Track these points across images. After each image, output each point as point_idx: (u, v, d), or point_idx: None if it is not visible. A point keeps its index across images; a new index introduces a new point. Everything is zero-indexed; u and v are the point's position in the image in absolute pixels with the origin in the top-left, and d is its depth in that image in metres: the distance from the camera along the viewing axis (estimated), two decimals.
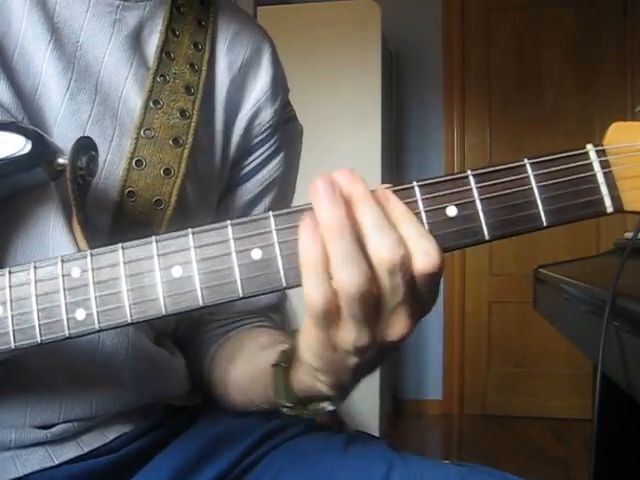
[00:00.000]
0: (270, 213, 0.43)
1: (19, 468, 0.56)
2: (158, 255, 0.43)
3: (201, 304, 0.42)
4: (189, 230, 0.43)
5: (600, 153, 0.44)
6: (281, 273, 0.42)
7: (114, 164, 0.59)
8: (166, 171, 0.61)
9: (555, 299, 1.20)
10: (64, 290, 0.43)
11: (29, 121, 0.55)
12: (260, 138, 0.71)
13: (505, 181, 0.43)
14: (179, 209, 0.61)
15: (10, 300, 0.43)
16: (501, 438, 2.99)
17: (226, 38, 0.69)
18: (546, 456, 2.74)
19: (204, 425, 0.67)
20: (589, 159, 0.44)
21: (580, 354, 1.06)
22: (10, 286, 0.43)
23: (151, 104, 0.61)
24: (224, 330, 0.72)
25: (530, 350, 3.26)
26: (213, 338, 0.72)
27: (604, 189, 0.43)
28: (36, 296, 0.43)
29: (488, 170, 0.43)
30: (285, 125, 0.74)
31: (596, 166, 0.44)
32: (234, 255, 0.42)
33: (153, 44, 0.64)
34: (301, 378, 0.51)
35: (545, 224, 0.43)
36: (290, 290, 0.44)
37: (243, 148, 0.70)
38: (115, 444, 0.61)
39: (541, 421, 3.13)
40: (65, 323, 0.43)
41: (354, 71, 2.76)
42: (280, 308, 0.77)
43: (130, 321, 0.43)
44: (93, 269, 0.43)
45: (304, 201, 0.78)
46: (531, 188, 0.43)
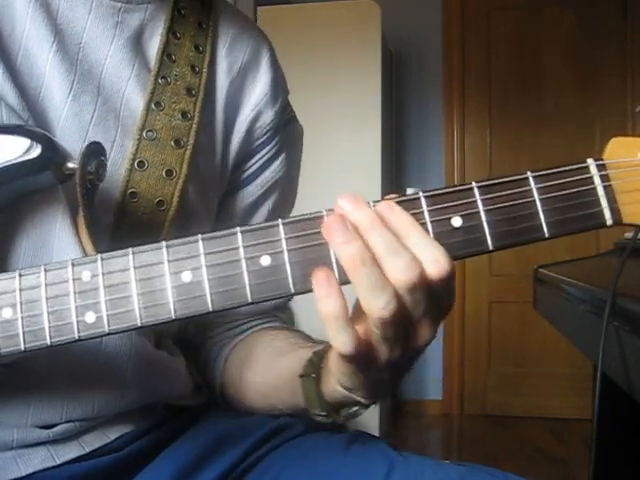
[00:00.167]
0: (279, 221, 0.44)
1: (21, 468, 0.56)
2: (168, 260, 0.43)
3: (210, 309, 0.43)
4: (199, 236, 0.43)
5: (600, 167, 0.45)
6: (289, 280, 0.43)
7: (116, 165, 0.59)
8: (168, 172, 0.61)
9: (555, 299, 1.20)
10: (74, 293, 0.43)
11: (34, 122, 0.55)
12: (261, 140, 0.71)
13: (508, 193, 0.44)
14: (181, 210, 0.62)
15: (20, 302, 0.43)
16: (501, 438, 2.99)
17: (225, 41, 0.69)
18: (546, 456, 2.74)
19: (205, 425, 0.68)
20: (590, 173, 0.45)
21: (580, 354, 1.07)
22: (20, 289, 0.44)
23: (153, 106, 0.62)
24: (235, 332, 0.73)
25: (530, 350, 3.27)
26: (224, 340, 0.73)
27: (604, 202, 0.45)
28: (46, 299, 0.43)
29: (492, 182, 0.45)
30: (286, 127, 0.74)
31: (596, 180, 0.45)
32: (243, 261, 0.43)
33: (154, 46, 0.64)
34: (334, 388, 0.52)
35: (547, 235, 0.44)
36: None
37: (244, 151, 0.71)
38: (116, 444, 0.61)
39: (541, 421, 3.13)
40: (75, 326, 0.43)
41: (354, 71, 2.76)
42: (287, 307, 0.79)
43: (140, 324, 0.43)
44: (103, 273, 0.43)
45: (306, 201, 0.78)
46: (534, 200, 0.44)
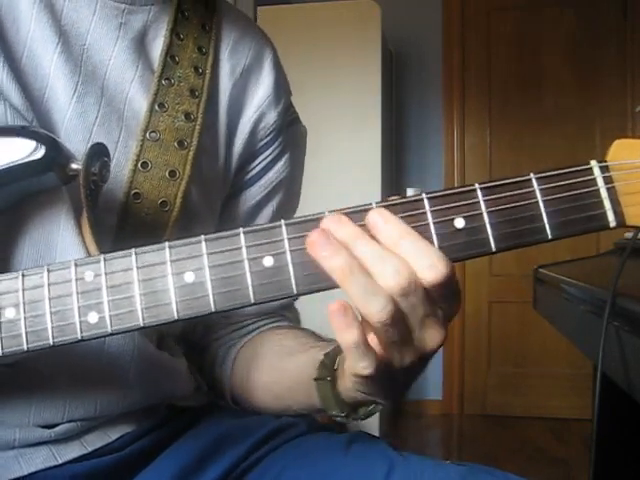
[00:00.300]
0: (282, 222, 0.43)
1: (23, 467, 0.56)
2: (171, 261, 0.43)
3: (213, 309, 0.43)
4: (202, 237, 0.43)
5: (604, 169, 0.45)
6: (292, 280, 0.43)
7: (120, 166, 0.60)
8: (171, 173, 0.61)
9: (555, 299, 1.20)
10: (77, 293, 0.43)
11: (38, 123, 0.55)
12: (264, 142, 0.71)
13: (511, 195, 0.44)
14: (184, 211, 0.62)
15: (23, 302, 0.43)
16: (501, 438, 2.99)
17: (228, 43, 0.69)
18: (546, 456, 2.74)
19: (206, 425, 0.68)
20: (593, 175, 0.45)
21: (580, 354, 1.07)
22: (23, 289, 0.44)
23: (156, 107, 0.62)
24: (242, 333, 0.73)
25: (530, 350, 3.27)
26: (231, 342, 0.73)
27: (607, 204, 0.44)
28: (49, 299, 0.43)
29: (495, 184, 0.44)
30: (289, 128, 0.74)
31: (600, 182, 0.45)
32: (246, 262, 0.43)
33: (158, 47, 0.64)
34: (351, 389, 0.52)
35: (550, 237, 0.44)
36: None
37: (248, 152, 0.71)
38: (118, 444, 0.61)
39: (541, 421, 3.13)
40: (77, 326, 0.43)
41: (354, 71, 2.76)
42: (293, 306, 0.79)
43: (142, 325, 0.43)
44: (106, 273, 0.43)
45: (306, 201, 0.79)
46: (537, 202, 0.44)
